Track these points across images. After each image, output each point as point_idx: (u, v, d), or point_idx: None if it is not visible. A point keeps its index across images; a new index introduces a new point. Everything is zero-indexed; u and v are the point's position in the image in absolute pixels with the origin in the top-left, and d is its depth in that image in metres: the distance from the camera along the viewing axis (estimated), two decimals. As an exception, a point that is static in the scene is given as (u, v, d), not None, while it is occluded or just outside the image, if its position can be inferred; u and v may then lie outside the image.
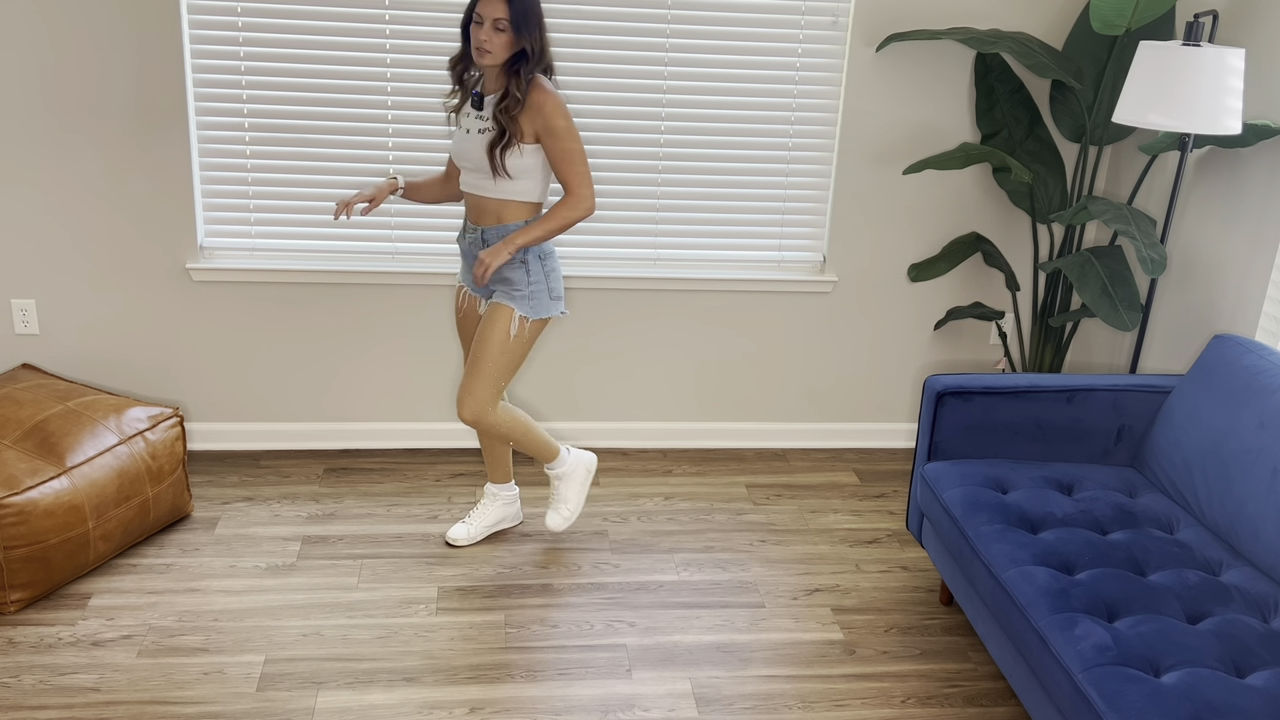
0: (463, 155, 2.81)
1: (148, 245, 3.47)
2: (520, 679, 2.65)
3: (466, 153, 2.80)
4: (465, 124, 2.82)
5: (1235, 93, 2.80)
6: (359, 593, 2.96)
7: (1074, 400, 2.92)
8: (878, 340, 3.91)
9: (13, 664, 2.61)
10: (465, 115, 2.82)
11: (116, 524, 2.96)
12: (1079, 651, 2.13)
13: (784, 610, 2.98)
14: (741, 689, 2.65)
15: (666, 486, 3.65)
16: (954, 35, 3.38)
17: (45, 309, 3.50)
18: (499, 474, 3.24)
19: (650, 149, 3.59)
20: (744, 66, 3.54)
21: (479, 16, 2.65)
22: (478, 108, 2.79)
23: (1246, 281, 3.06)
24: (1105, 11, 3.08)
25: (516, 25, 2.64)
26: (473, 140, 2.79)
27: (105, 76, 3.28)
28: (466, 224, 2.92)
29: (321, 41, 3.36)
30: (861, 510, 3.56)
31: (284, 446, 3.75)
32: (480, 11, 2.65)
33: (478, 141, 2.77)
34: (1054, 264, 3.25)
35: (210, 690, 2.55)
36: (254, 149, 3.45)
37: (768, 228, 3.74)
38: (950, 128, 3.68)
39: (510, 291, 2.86)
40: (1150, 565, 2.44)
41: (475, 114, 2.80)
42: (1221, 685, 2.02)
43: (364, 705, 2.53)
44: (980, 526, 2.58)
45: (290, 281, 3.55)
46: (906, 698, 2.65)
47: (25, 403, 3.03)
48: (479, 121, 2.79)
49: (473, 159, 2.79)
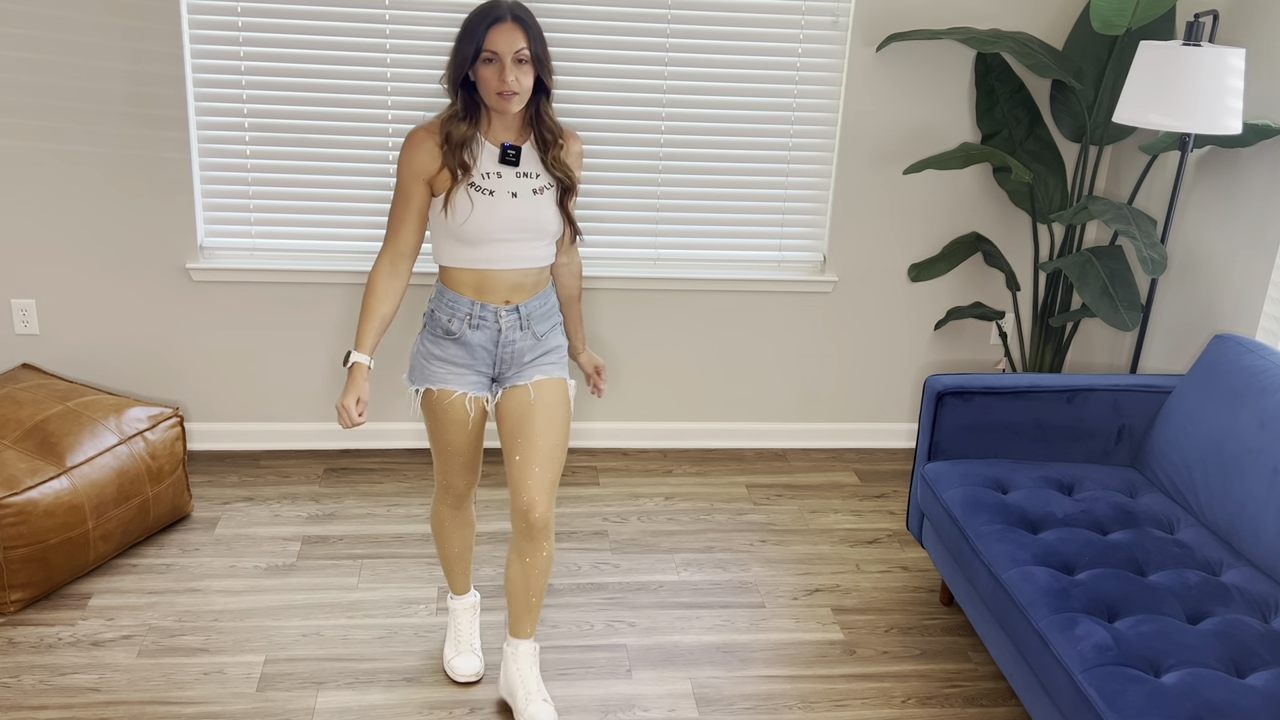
0: (515, 225, 2.26)
1: (148, 245, 3.47)
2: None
3: (524, 220, 2.26)
4: (504, 188, 2.25)
5: (1235, 93, 2.79)
6: (359, 593, 2.96)
7: (1074, 400, 2.92)
8: (878, 340, 3.91)
9: (13, 664, 2.61)
10: (490, 179, 2.25)
11: (116, 524, 2.96)
12: (1079, 651, 2.13)
13: (784, 610, 2.98)
14: (742, 689, 2.65)
15: (666, 486, 3.65)
16: (954, 35, 3.38)
17: (45, 309, 3.50)
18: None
19: (650, 149, 3.59)
20: (744, 66, 3.54)
21: (491, 54, 2.14)
22: (514, 164, 2.26)
23: (1247, 281, 3.06)
24: (1105, 11, 3.08)
25: (537, 55, 2.18)
26: (528, 203, 2.26)
27: (105, 77, 3.28)
28: (483, 307, 2.31)
29: (321, 41, 3.36)
30: (862, 510, 3.55)
31: (284, 446, 3.75)
32: (494, 48, 2.14)
33: (539, 202, 2.27)
34: (1054, 264, 3.25)
35: (210, 690, 2.55)
36: (254, 149, 3.45)
37: (768, 228, 3.74)
38: (950, 128, 3.68)
39: (557, 360, 2.42)
40: (1150, 565, 2.43)
41: (517, 172, 2.26)
42: (1222, 685, 2.02)
43: (364, 705, 2.53)
44: (980, 526, 2.58)
45: (290, 281, 3.55)
46: (907, 698, 2.65)
47: (25, 403, 3.03)
48: (527, 180, 2.27)
49: (537, 223, 2.28)
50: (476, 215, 2.23)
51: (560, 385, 2.39)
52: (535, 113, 2.26)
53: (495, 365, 2.38)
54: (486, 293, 2.31)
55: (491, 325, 2.32)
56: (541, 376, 2.37)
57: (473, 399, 2.37)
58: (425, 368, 2.37)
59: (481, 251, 2.28)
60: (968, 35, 3.39)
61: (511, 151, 2.24)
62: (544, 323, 2.39)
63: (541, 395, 2.36)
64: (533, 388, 2.36)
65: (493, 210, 2.24)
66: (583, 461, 3.79)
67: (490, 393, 2.41)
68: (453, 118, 2.23)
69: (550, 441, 2.34)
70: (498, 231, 2.25)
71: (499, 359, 2.37)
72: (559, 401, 2.37)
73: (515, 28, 2.14)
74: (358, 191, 3.52)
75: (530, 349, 2.38)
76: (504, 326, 2.33)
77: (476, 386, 2.38)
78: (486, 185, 2.24)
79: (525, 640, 2.51)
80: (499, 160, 2.25)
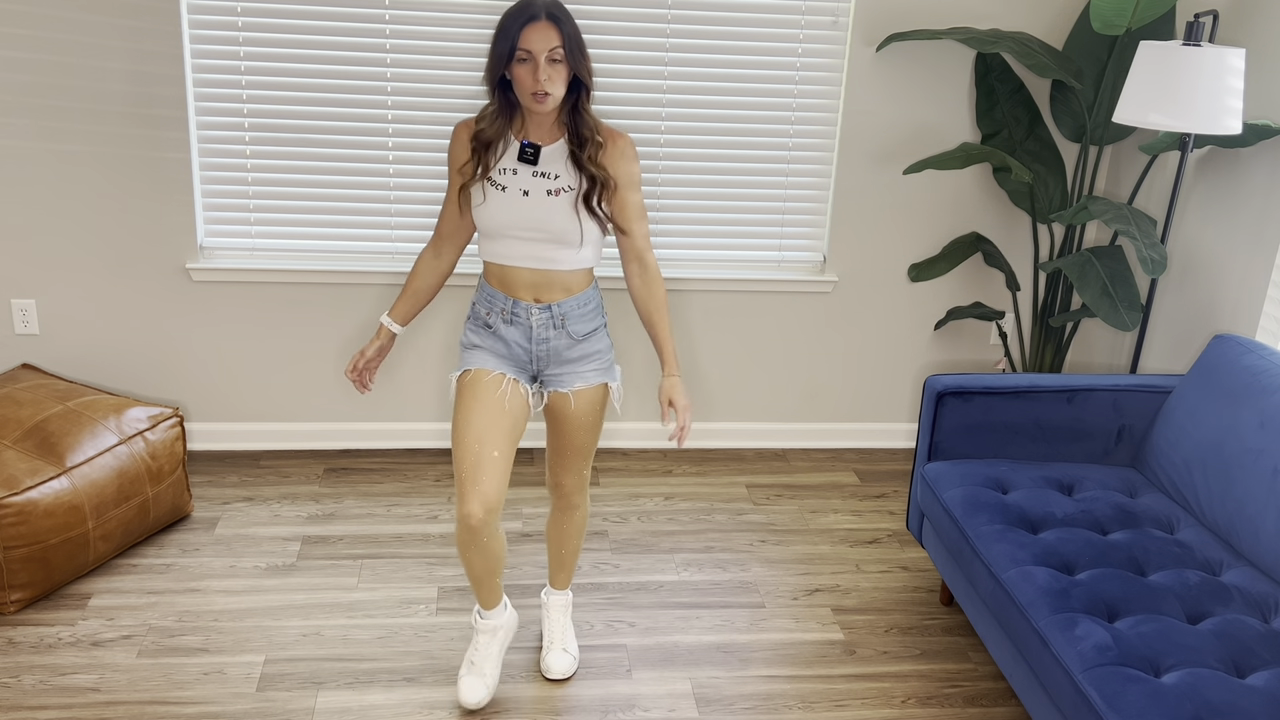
0: (524, 224, 2.28)
1: (148, 245, 3.47)
2: (520, 679, 2.65)
3: (533, 220, 2.27)
4: (516, 185, 2.27)
5: (1235, 93, 2.79)
6: (359, 593, 2.96)
7: (1074, 400, 2.92)
8: (878, 340, 3.91)
9: (13, 664, 2.61)
10: (506, 175, 2.28)
11: (116, 524, 2.96)
12: (1079, 652, 2.13)
13: (784, 610, 2.98)
14: (741, 689, 2.65)
15: (666, 486, 3.65)
16: (954, 35, 3.38)
17: (45, 309, 3.50)
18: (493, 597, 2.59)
19: (650, 149, 3.59)
20: (744, 66, 3.54)
21: (525, 53, 2.13)
22: (531, 162, 2.27)
23: (1246, 281, 3.06)
24: (1105, 11, 3.08)
25: (571, 51, 2.16)
26: (539, 204, 2.26)
27: (105, 77, 3.28)
28: (515, 304, 2.35)
29: (321, 42, 3.36)
30: (861, 510, 3.55)
31: (284, 446, 3.75)
32: (528, 47, 2.13)
33: (551, 204, 2.26)
34: (1054, 264, 3.25)
35: (210, 690, 2.55)
36: (254, 149, 3.45)
37: (768, 228, 3.74)
38: (950, 128, 3.68)
39: (601, 366, 2.44)
40: (1150, 565, 2.43)
41: (534, 171, 2.27)
42: (1222, 685, 2.02)
43: (364, 705, 2.53)
44: (980, 526, 2.58)
45: (290, 281, 3.55)
46: (906, 698, 2.65)
47: (25, 403, 3.03)
48: (543, 180, 2.27)
49: (546, 225, 2.27)
50: (488, 207, 2.28)
51: (600, 391, 2.45)
52: (573, 110, 2.25)
53: (533, 362, 2.41)
54: (512, 288, 2.35)
55: (524, 322, 2.36)
56: (583, 385, 2.42)
57: (511, 380, 2.37)
58: (466, 355, 2.43)
59: (500, 246, 2.33)
60: (968, 35, 3.39)
61: (530, 150, 2.25)
62: (582, 323, 2.39)
63: (580, 404, 2.43)
64: (574, 396, 2.42)
65: (502, 205, 2.27)
66: (583, 461, 3.79)
67: (531, 388, 2.44)
68: (488, 115, 2.27)
69: (585, 443, 2.49)
70: (507, 228, 2.29)
71: (535, 356, 2.40)
72: (595, 409, 2.46)
73: (549, 26, 2.13)
74: (358, 191, 3.52)
75: (568, 348, 2.39)
76: (535, 324, 2.35)
77: (517, 375, 2.41)
78: (501, 180, 2.28)
79: (558, 591, 2.73)
80: (517, 157, 2.27)
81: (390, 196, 3.53)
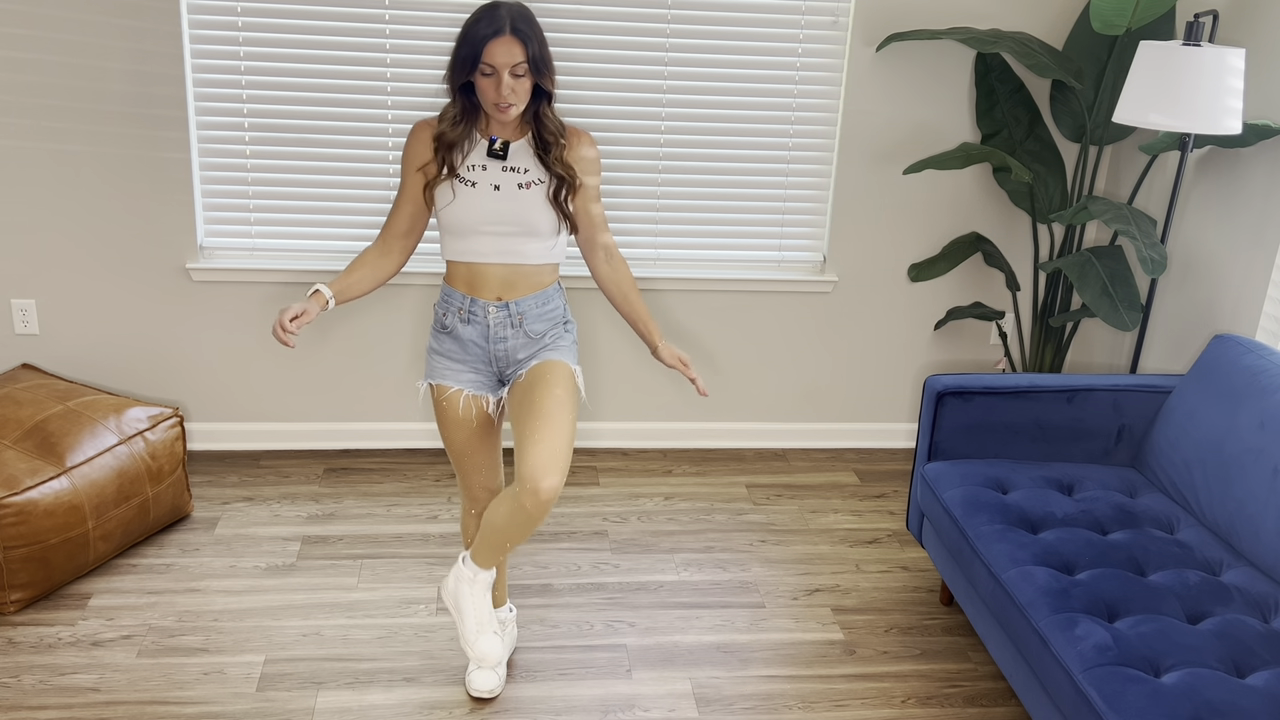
0: (496, 218, 2.28)
1: (148, 245, 3.47)
2: (520, 679, 2.65)
3: (506, 213, 2.28)
4: (487, 180, 2.28)
5: (1235, 93, 2.79)
6: (359, 593, 2.96)
7: (1074, 400, 2.92)
8: (878, 340, 3.91)
9: (13, 664, 2.61)
10: (474, 170, 2.28)
11: (116, 524, 2.96)
12: (1079, 652, 2.13)
13: (784, 610, 2.98)
14: (741, 689, 2.65)
15: (666, 486, 3.65)
16: (954, 35, 3.38)
17: (45, 309, 3.50)
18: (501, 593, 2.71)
19: (650, 149, 3.59)
20: (744, 66, 3.54)
21: (488, 67, 2.14)
22: (501, 158, 2.29)
23: (1246, 281, 3.06)
24: (1105, 11, 3.08)
25: (536, 65, 2.17)
26: (510, 197, 2.27)
27: (105, 76, 3.28)
28: (474, 302, 2.34)
29: (321, 41, 3.36)
30: (861, 510, 3.55)
31: (284, 446, 3.75)
32: (492, 62, 2.14)
33: (522, 197, 2.28)
34: (1054, 264, 3.25)
35: (210, 690, 2.55)
36: (254, 149, 3.45)
37: (768, 228, 3.74)
38: (950, 128, 3.68)
39: (560, 348, 2.39)
40: (1150, 565, 2.43)
41: (503, 166, 2.28)
42: (1222, 685, 2.02)
43: (364, 705, 2.53)
44: (980, 526, 2.58)
45: (290, 281, 3.55)
46: (906, 698, 2.65)
47: (25, 403, 3.03)
48: (513, 175, 2.28)
49: (519, 218, 2.28)
50: (457, 205, 2.28)
51: (562, 365, 2.34)
52: (535, 115, 2.26)
53: (491, 363, 2.39)
54: (478, 287, 2.34)
55: (481, 321, 2.35)
56: (539, 362, 2.35)
57: (469, 397, 2.39)
58: (430, 363, 2.44)
59: (469, 243, 2.31)
60: (968, 35, 3.39)
61: (499, 146, 2.27)
62: (540, 324, 2.38)
63: (540, 372, 2.32)
64: (531, 371, 2.34)
65: (473, 202, 2.27)
66: (583, 461, 3.79)
67: (494, 394, 2.42)
68: (449, 117, 2.26)
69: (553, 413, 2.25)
70: (479, 223, 2.28)
71: (492, 356, 2.38)
72: (560, 376, 2.31)
73: (514, 41, 2.13)
74: (358, 191, 3.52)
75: (524, 347, 2.38)
76: (492, 322, 2.34)
77: (475, 385, 2.39)
78: (470, 177, 2.27)
79: (485, 571, 2.40)
80: (486, 153, 2.28)
81: (390, 197, 3.53)
